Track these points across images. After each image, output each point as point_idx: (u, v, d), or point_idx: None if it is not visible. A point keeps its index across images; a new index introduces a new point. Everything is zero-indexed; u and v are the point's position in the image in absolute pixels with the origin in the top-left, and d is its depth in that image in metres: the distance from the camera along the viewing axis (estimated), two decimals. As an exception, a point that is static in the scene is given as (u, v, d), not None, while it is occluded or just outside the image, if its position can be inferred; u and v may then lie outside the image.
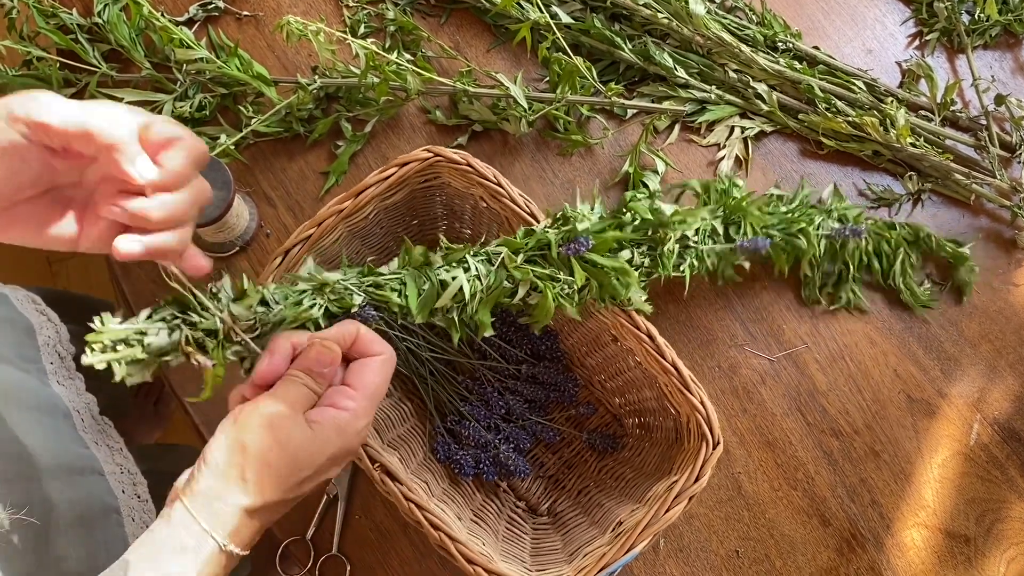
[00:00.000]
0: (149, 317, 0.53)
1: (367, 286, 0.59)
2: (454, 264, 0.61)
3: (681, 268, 0.70)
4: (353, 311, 0.58)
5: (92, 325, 0.54)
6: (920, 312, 0.86)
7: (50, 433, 0.70)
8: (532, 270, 0.62)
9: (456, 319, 0.61)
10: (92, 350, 0.53)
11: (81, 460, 0.71)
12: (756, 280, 0.86)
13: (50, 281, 1.64)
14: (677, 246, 0.68)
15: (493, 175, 0.66)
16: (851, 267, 0.84)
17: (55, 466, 0.68)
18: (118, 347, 0.53)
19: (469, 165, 0.66)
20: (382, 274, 0.60)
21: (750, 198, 0.77)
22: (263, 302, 0.55)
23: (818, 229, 0.81)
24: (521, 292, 0.62)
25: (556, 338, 0.81)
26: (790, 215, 0.79)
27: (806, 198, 0.85)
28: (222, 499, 0.46)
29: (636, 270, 0.66)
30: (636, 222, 0.67)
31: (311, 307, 0.56)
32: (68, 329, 0.81)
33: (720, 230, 0.73)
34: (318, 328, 0.57)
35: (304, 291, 0.57)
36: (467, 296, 0.60)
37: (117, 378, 0.53)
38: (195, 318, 0.53)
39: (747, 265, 0.78)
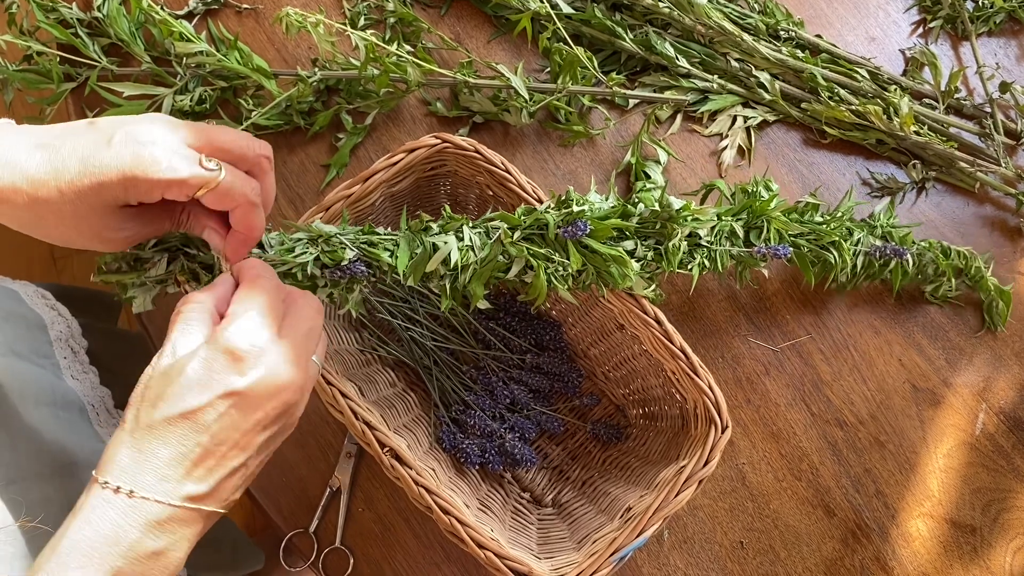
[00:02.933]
0: (155, 246, 0.57)
1: (361, 242, 0.61)
2: (449, 232, 0.62)
3: (689, 267, 0.69)
4: (343, 264, 0.60)
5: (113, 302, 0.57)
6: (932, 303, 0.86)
7: (67, 428, 0.70)
8: (528, 248, 0.62)
9: (448, 287, 0.62)
10: (101, 270, 0.57)
11: (97, 455, 0.71)
12: (757, 275, 0.86)
13: (55, 276, 1.65)
14: (685, 243, 0.67)
15: (501, 161, 0.66)
16: (895, 287, 0.82)
17: (71, 463, 0.68)
18: (123, 268, 0.58)
19: (477, 151, 0.66)
20: (378, 233, 0.62)
21: (776, 202, 0.74)
22: (260, 245, 0.58)
23: (856, 244, 0.79)
24: (515, 269, 0.62)
25: (559, 328, 0.80)
26: (824, 226, 0.76)
27: (849, 211, 0.82)
28: (110, 444, 0.45)
29: (639, 262, 0.65)
30: (643, 213, 0.67)
31: (302, 254, 0.59)
32: (79, 323, 0.81)
33: (740, 232, 0.72)
34: (310, 278, 0.60)
35: (299, 239, 0.60)
36: (456, 263, 0.61)
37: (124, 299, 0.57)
38: (194, 251, 0.57)
39: (766, 272, 0.77)
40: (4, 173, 0.46)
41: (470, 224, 0.63)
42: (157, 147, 0.47)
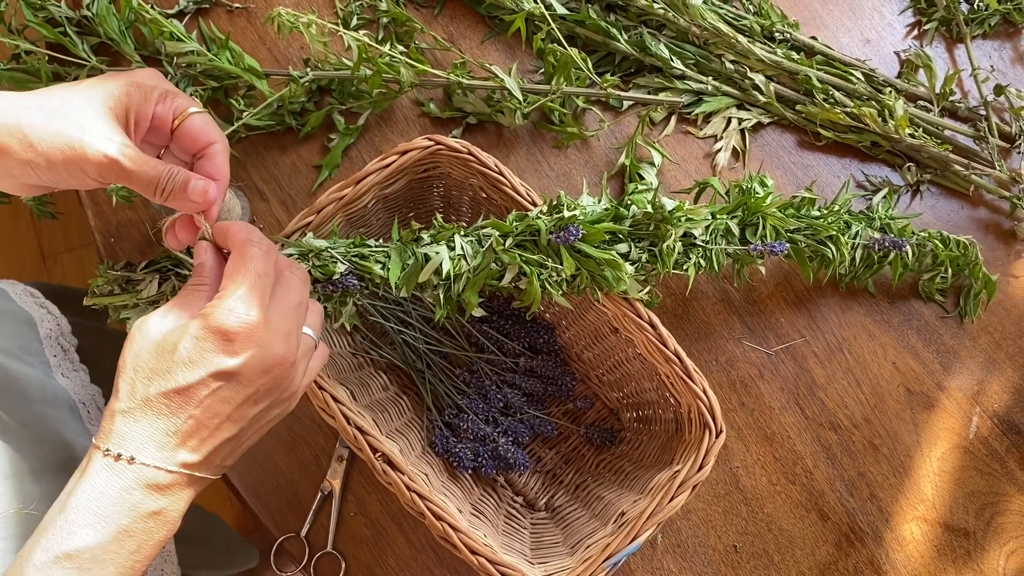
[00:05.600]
0: (145, 267, 0.57)
1: (352, 255, 0.60)
2: (441, 241, 0.62)
3: (685, 267, 0.69)
4: (335, 278, 0.59)
5: (97, 269, 0.58)
6: (925, 298, 0.86)
7: (58, 426, 0.70)
8: (520, 255, 0.61)
9: (442, 296, 0.61)
10: (93, 293, 0.57)
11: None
12: (753, 273, 0.86)
13: (44, 276, 1.64)
14: (679, 244, 0.67)
15: (494, 164, 0.66)
16: (894, 280, 0.82)
17: (64, 459, 0.68)
18: (115, 291, 0.58)
19: (470, 154, 0.66)
20: (369, 245, 0.61)
21: (772, 198, 0.73)
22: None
23: (855, 238, 0.78)
24: (509, 276, 0.62)
25: (553, 331, 0.80)
26: (821, 220, 0.76)
27: (847, 203, 0.82)
28: (106, 415, 0.47)
29: (633, 265, 0.65)
30: (636, 215, 0.67)
31: None
32: (68, 321, 0.81)
33: (736, 231, 0.71)
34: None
35: (290, 255, 0.59)
36: (449, 274, 0.60)
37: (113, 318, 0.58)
38: (185, 271, 0.57)
39: (763, 270, 0.76)
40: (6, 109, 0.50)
41: (462, 233, 0.62)
42: (152, 70, 0.55)
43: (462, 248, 0.61)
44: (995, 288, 0.84)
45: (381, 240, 0.65)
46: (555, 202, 0.64)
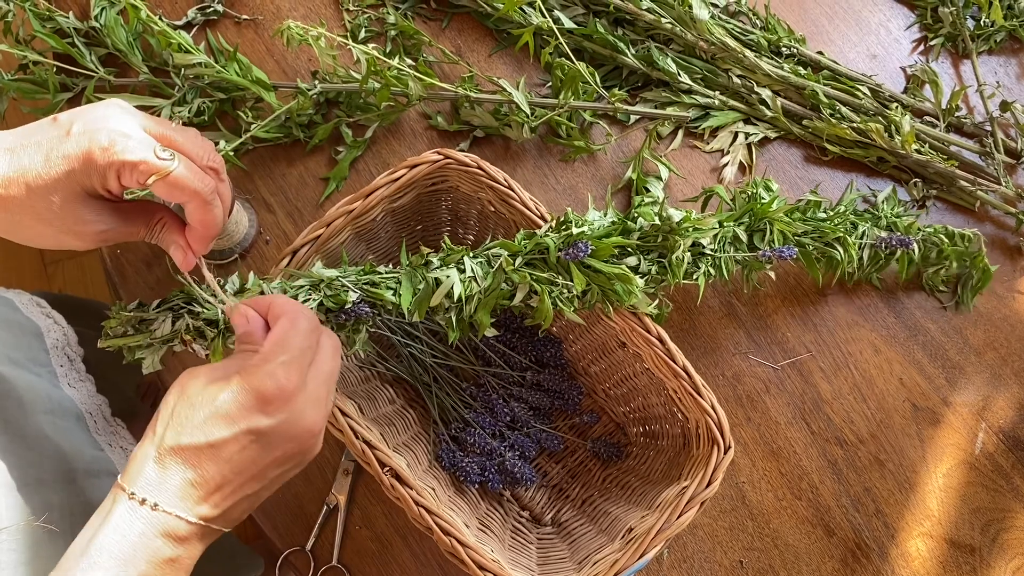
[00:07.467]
0: (158, 307, 0.57)
1: (363, 283, 0.60)
2: (451, 264, 0.62)
3: (695, 276, 0.69)
4: (347, 307, 0.59)
5: (109, 312, 0.59)
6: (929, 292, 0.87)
7: (65, 436, 0.70)
8: (530, 273, 0.61)
9: (454, 319, 0.61)
10: (107, 335, 0.57)
11: (96, 463, 0.71)
12: (760, 288, 0.86)
13: (45, 283, 1.63)
14: (689, 254, 0.67)
15: (503, 178, 0.66)
16: (901, 275, 0.83)
17: (71, 469, 0.68)
18: (129, 332, 0.58)
19: (480, 168, 0.66)
20: (379, 272, 0.61)
21: (778, 203, 0.73)
22: (263, 295, 0.58)
23: (861, 238, 0.79)
24: (520, 295, 0.62)
25: (560, 345, 0.80)
26: (828, 223, 0.77)
27: (851, 203, 0.83)
28: (135, 457, 0.47)
29: (643, 277, 0.65)
30: (643, 228, 0.67)
31: (306, 302, 0.59)
32: (74, 331, 0.81)
33: (744, 237, 0.72)
34: None
35: (302, 286, 0.60)
36: (460, 296, 0.61)
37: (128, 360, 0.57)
38: (198, 309, 0.57)
39: (773, 275, 0.76)
40: None
41: (471, 254, 0.62)
42: (112, 131, 0.49)
43: (472, 270, 0.61)
44: (991, 276, 0.84)
45: (388, 258, 0.65)
46: (562, 219, 0.64)
